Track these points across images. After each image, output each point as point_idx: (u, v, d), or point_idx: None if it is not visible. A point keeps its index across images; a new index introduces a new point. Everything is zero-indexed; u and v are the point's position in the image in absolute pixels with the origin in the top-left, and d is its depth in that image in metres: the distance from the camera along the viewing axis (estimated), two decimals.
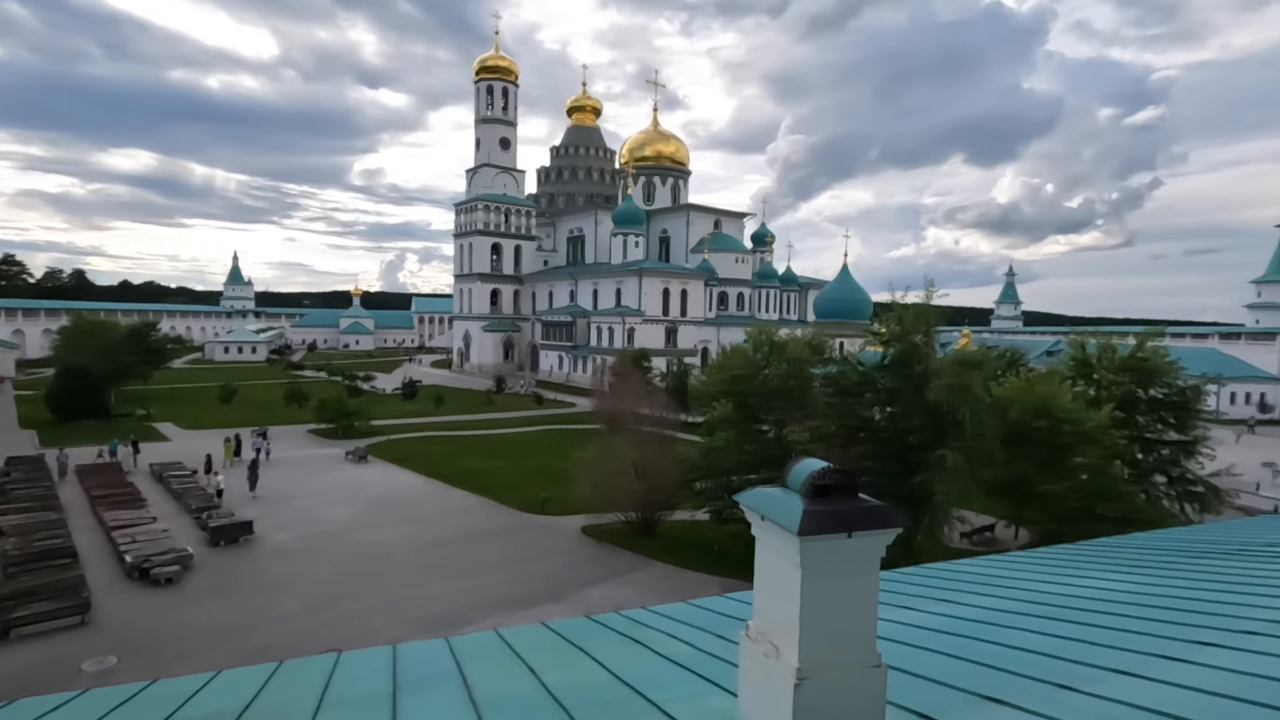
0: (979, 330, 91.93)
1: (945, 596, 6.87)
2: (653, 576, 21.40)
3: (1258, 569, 7.17)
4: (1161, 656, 4.31)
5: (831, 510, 2.72)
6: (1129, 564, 7.80)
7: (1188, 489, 21.78)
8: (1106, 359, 23.62)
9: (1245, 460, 28.74)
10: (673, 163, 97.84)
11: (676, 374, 50.36)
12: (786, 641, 2.77)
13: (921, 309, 20.88)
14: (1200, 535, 10.22)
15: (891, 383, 19.95)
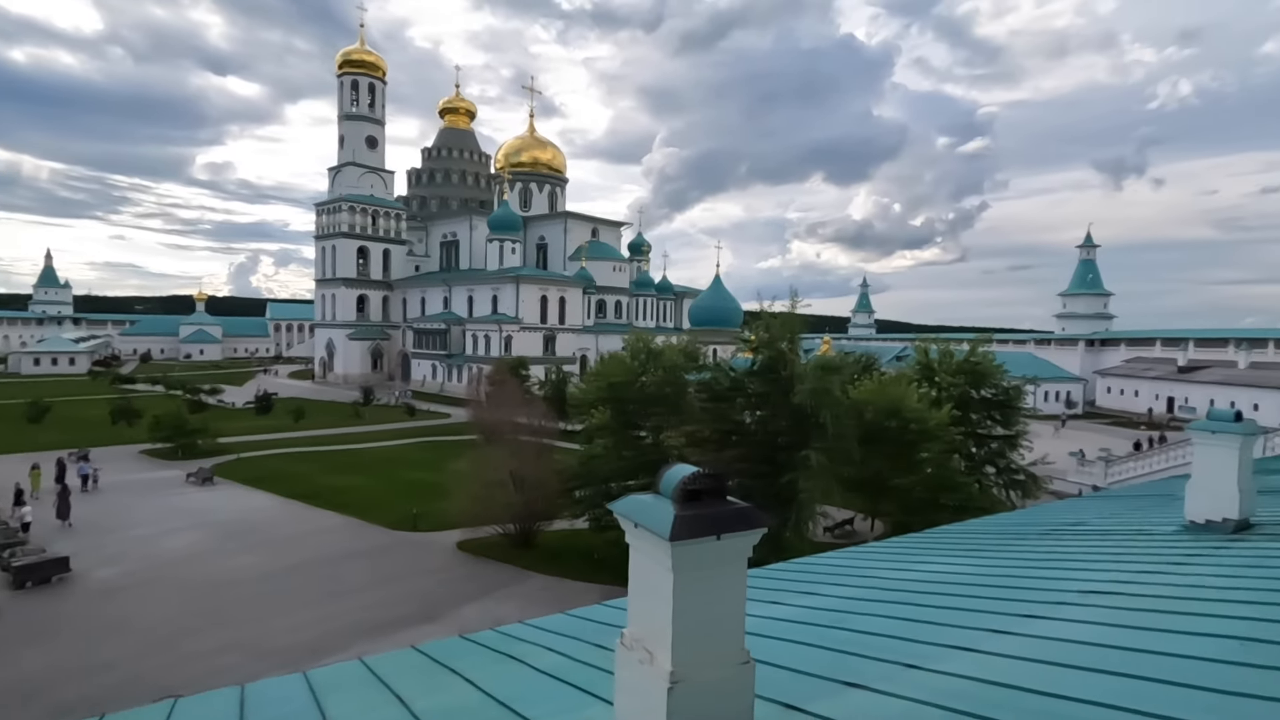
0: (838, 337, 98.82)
1: (809, 589, 7.28)
2: (532, 589, 21.04)
3: (1067, 546, 8.20)
4: (993, 631, 4.80)
5: (701, 514, 2.78)
6: (965, 548, 8.66)
7: (1013, 478, 24.57)
8: (946, 363, 26.19)
9: (1056, 450, 32.88)
10: (550, 170, 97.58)
11: (555, 382, 50.03)
12: (660, 646, 2.79)
13: (787, 317, 22.15)
14: (1022, 519, 11.55)
15: (760, 388, 20.93)
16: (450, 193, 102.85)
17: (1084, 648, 4.17)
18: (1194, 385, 65.49)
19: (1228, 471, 7.77)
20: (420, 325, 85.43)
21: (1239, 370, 63.68)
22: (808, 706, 3.53)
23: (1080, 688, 3.48)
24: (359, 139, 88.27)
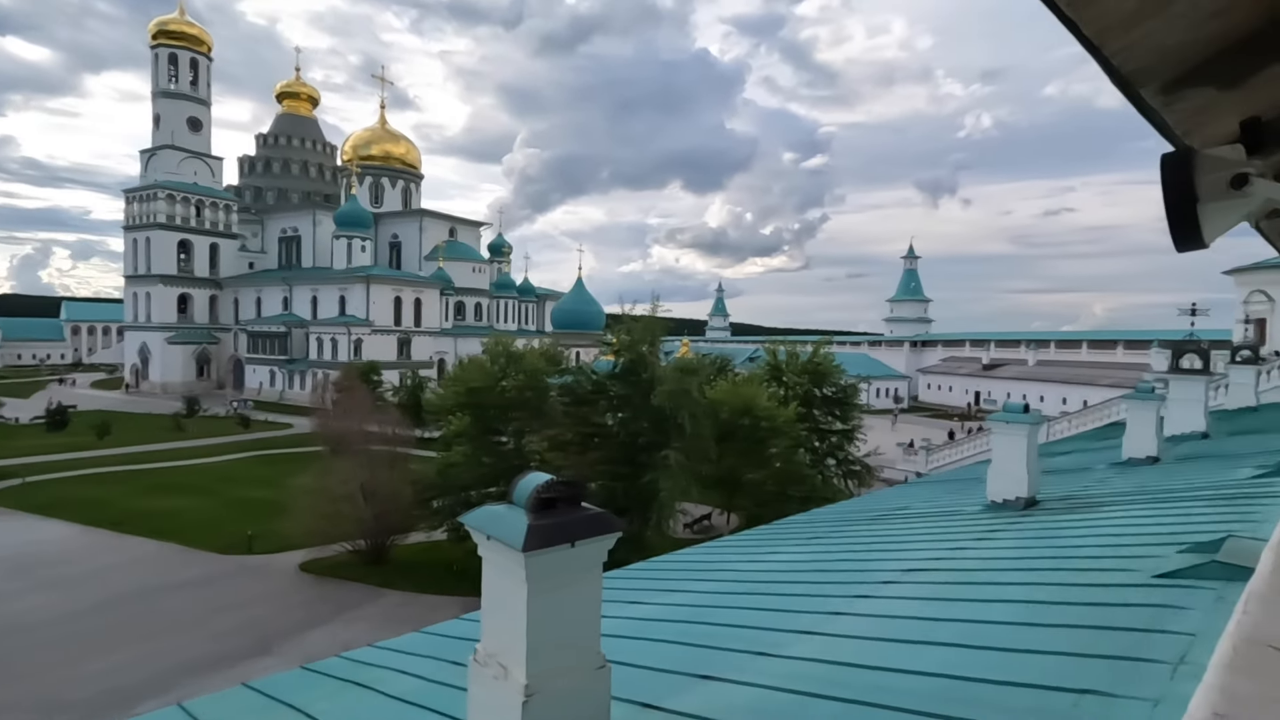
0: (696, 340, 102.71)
1: (667, 586, 7.50)
2: (387, 607, 19.91)
3: (893, 529, 9.08)
4: (832, 613, 5.21)
5: (555, 523, 2.78)
6: (809, 537, 9.33)
7: (850, 468, 26.85)
8: (792, 364, 28.09)
9: (887, 442, 36.36)
10: (403, 165, 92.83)
11: (410, 388, 47.71)
12: (514, 660, 2.75)
13: (648, 321, 22.71)
14: (857, 506, 12.65)
15: (622, 390, 21.28)
16: (290, 184, 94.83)
17: (906, 621, 4.64)
18: (995, 381, 75.08)
19: (1018, 456, 8.96)
20: (256, 328, 77.93)
21: (1029, 367, 73.92)
22: (663, 703, 3.63)
23: (903, 659, 3.87)
24: (178, 120, 78.98)
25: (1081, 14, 2.17)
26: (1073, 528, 7.24)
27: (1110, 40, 2.38)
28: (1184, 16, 2.39)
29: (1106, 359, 67.46)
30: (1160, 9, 2.29)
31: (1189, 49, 2.63)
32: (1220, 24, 2.50)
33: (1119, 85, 2.77)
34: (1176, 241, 2.66)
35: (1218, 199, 2.49)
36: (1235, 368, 19.49)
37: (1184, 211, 2.55)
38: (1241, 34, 2.57)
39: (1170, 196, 2.56)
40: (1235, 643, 0.79)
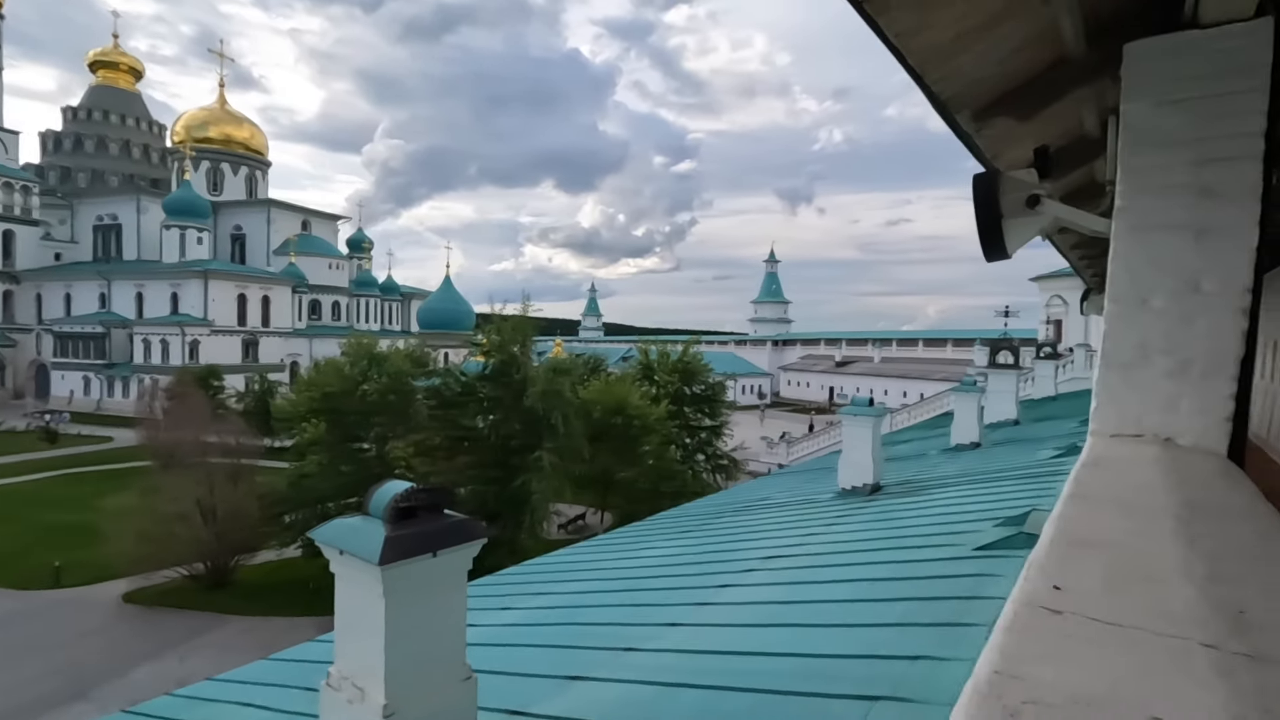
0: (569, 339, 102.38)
1: (539, 590, 7.43)
2: (230, 634, 18.14)
3: (755, 519, 9.56)
4: (697, 604, 5.39)
5: (415, 533, 2.67)
6: (677, 531, 9.60)
7: (719, 463, 27.96)
8: (663, 363, 28.78)
9: (751, 436, 38.21)
10: (247, 150, 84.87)
11: (258, 393, 43.80)
12: (372, 681, 2.61)
13: (519, 321, 22.35)
14: (723, 499, 13.19)
15: (493, 392, 20.80)
16: (107, 165, 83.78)
17: (763, 607, 4.91)
18: (847, 376, 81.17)
19: (865, 446, 9.74)
20: (66, 328, 68.05)
21: (875, 364, 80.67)
22: (532, 709, 3.58)
23: (759, 642, 4.09)
24: None
25: (907, 45, 2.40)
26: (909, 509, 7.97)
27: (930, 70, 2.65)
28: (988, 54, 2.72)
29: (939, 355, 75.04)
30: (970, 46, 2.58)
31: (993, 83, 2.99)
32: (1016, 63, 2.86)
33: (939, 111, 3.09)
34: (985, 252, 3.01)
35: (1017, 216, 2.85)
36: (1039, 363, 22.45)
37: (991, 226, 2.89)
38: (1033, 73, 2.96)
39: (980, 213, 2.90)
40: (1015, 606, 0.91)
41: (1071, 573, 1.03)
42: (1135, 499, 1.53)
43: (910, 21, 2.18)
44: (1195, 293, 2.43)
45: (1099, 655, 0.75)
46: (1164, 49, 2.43)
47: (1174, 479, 1.85)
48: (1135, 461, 2.08)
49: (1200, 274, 2.42)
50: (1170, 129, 2.44)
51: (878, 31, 2.19)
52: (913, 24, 2.21)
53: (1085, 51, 2.74)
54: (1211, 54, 2.35)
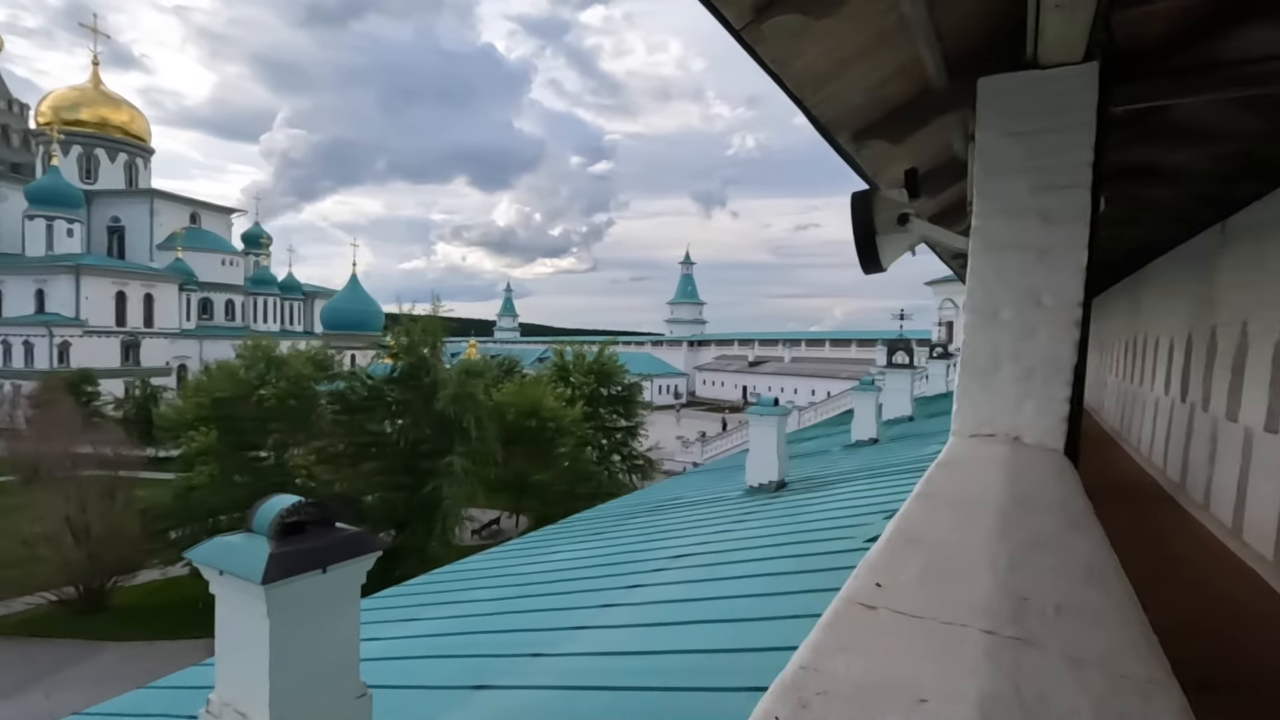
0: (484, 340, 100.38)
1: (448, 598, 7.28)
2: (107, 664, 16.68)
3: (667, 518, 9.73)
4: (606, 605, 5.45)
5: (302, 549, 2.59)
6: (590, 533, 9.63)
7: (634, 463, 28.17)
8: (579, 364, 28.71)
9: (667, 436, 38.72)
10: (126, 135, 77.95)
11: (139, 399, 40.47)
12: (255, 705, 2.51)
13: (429, 321, 21.70)
14: (638, 499, 13.33)
15: (401, 395, 20.12)
16: None
17: (670, 605, 5.03)
18: (759, 376, 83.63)
19: (770, 445, 10.10)
20: None
21: (786, 363, 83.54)
22: None
23: (664, 641, 4.19)
24: None
25: (784, 71, 2.55)
26: (812, 505, 8.35)
27: (808, 94, 2.82)
28: (859, 82, 2.91)
29: (844, 355, 78.55)
30: (843, 74, 2.77)
31: (867, 108, 3.20)
32: (886, 91, 3.08)
33: (821, 132, 3.29)
34: (862, 265, 3.22)
35: (889, 232, 3.07)
36: (933, 362, 23.99)
37: (866, 241, 3.10)
38: (902, 101, 3.20)
39: (856, 228, 3.10)
40: (837, 603, 1.00)
41: (894, 569, 1.15)
42: (970, 496, 1.71)
43: (785, 51, 2.32)
44: (1037, 306, 2.71)
45: (894, 646, 0.85)
46: (1010, 85, 2.69)
47: (1012, 475, 2.06)
48: (982, 460, 2.29)
49: (1041, 290, 2.70)
50: (1016, 157, 2.71)
51: (756, 59, 2.32)
52: (788, 53, 2.34)
53: (947, 83, 2.98)
54: (1049, 92, 2.63)
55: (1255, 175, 5.09)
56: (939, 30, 2.62)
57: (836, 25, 2.24)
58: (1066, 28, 2.32)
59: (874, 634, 0.89)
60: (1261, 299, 4.67)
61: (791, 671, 0.78)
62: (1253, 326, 4.74)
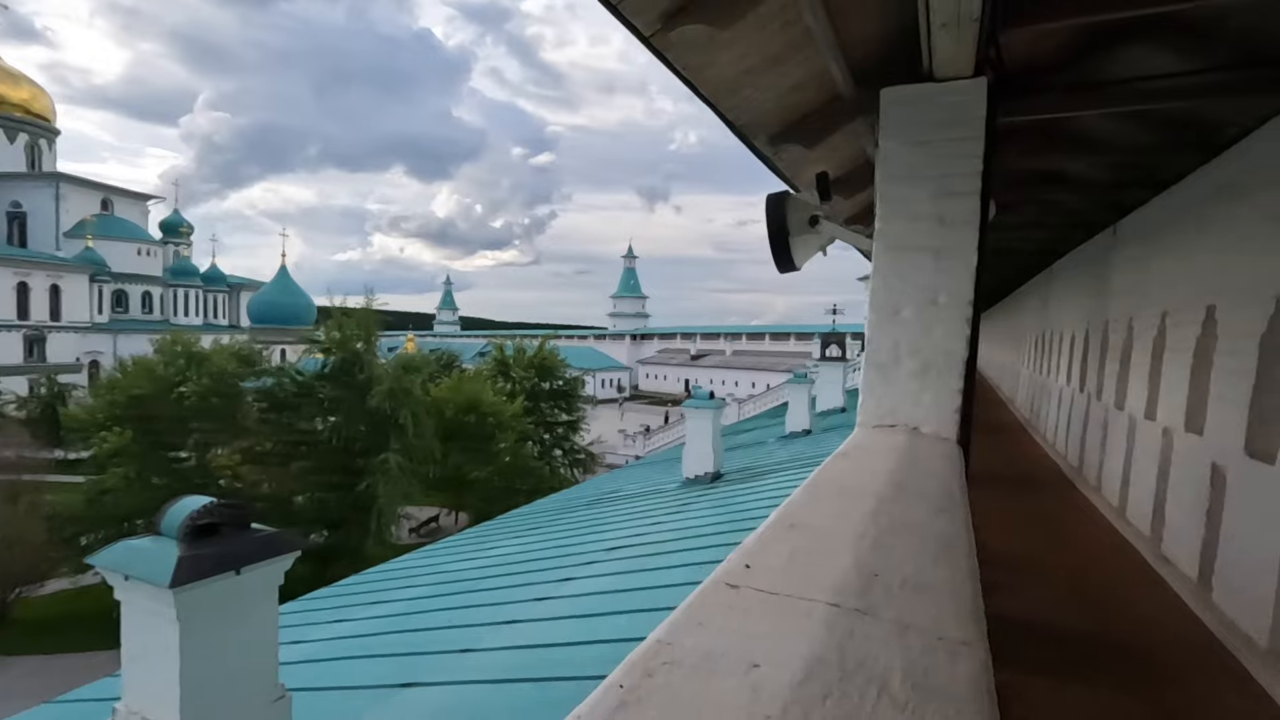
0: (423, 334, 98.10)
1: (378, 597, 7.16)
2: (9, 680, 15.66)
3: (604, 511, 9.81)
4: (536, 599, 5.48)
5: (214, 551, 2.55)
6: (525, 529, 9.62)
7: (576, 458, 28.14)
8: (519, 359, 28.43)
9: (610, 429, 38.83)
10: (27, 114, 72.43)
11: (45, 398, 37.88)
12: (165, 712, 2.46)
13: (363, 314, 21.09)
14: (576, 493, 13.36)
15: (334, 392, 19.51)
16: None
17: (599, 597, 5.11)
18: (701, 369, 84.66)
19: (706, 437, 10.30)
20: None
21: (727, 356, 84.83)
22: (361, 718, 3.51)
23: (591, 632, 4.26)
24: None
25: (697, 77, 2.64)
26: (746, 495, 8.58)
27: (722, 100, 2.92)
28: (771, 89, 3.04)
29: (783, 349, 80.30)
30: (753, 81, 2.88)
31: (782, 114, 3.34)
32: (797, 98, 3.21)
33: (738, 135, 3.40)
34: (776, 263, 3.35)
35: (801, 233, 3.21)
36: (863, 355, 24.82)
37: (780, 240, 3.23)
38: (814, 108, 3.34)
39: (771, 228, 3.23)
40: (705, 583, 1.09)
41: (766, 552, 1.25)
42: (855, 484, 1.83)
43: (696, 58, 2.40)
44: (933, 305, 2.89)
45: (744, 620, 0.94)
46: (909, 96, 2.86)
47: (900, 464, 2.21)
48: (877, 450, 2.44)
49: (937, 289, 2.88)
50: (916, 164, 2.88)
51: (668, 65, 2.40)
52: (699, 61, 2.43)
53: (855, 92, 3.13)
54: (943, 104, 2.80)
55: (1142, 183, 5.51)
56: (843, 43, 2.76)
57: (742, 36, 2.33)
58: (954, 45, 2.49)
59: (730, 611, 0.98)
60: (1144, 297, 5.07)
61: (645, 645, 0.85)
62: (1137, 322, 5.15)
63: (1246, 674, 2.92)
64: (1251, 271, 3.38)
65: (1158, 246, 4.97)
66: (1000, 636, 3.16)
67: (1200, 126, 4.30)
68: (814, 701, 0.73)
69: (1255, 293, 3.29)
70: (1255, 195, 3.45)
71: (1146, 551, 4.36)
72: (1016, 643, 3.21)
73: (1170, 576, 3.96)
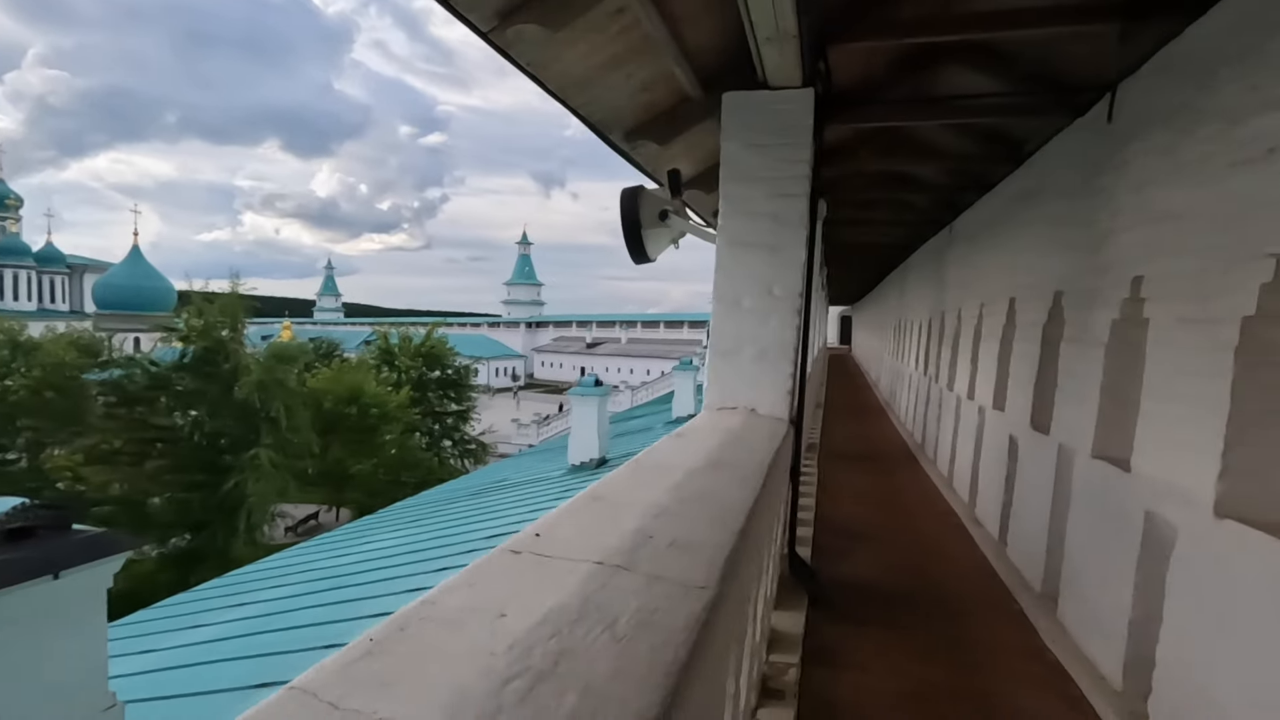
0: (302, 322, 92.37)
1: (244, 599, 6.80)
2: None
3: (489, 500, 9.74)
4: (411, 590, 5.42)
5: (27, 555, 2.39)
6: (406, 521, 9.40)
7: (467, 448, 27.55)
8: (405, 347, 27.41)
9: (502, 419, 38.25)
10: None
11: None
12: None
13: (229, 300, 19.55)
14: (462, 483, 13.15)
15: (194, 383, 17.99)
16: None
17: None
18: (597, 357, 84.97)
19: (591, 424, 10.45)
20: None
21: (623, 344, 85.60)
22: None
23: None
24: None
25: (541, 73, 2.72)
26: None
27: (570, 96, 3.02)
28: (619, 88, 3.17)
29: (678, 336, 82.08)
30: (600, 80, 3.00)
31: (633, 112, 3.48)
32: (647, 98, 3.36)
33: (594, 131, 3.51)
34: (631, 254, 3.50)
35: (653, 226, 3.37)
36: None
37: (634, 233, 3.38)
38: (666, 107, 3.51)
39: (625, 221, 3.37)
40: (493, 551, 1.19)
41: (562, 522, 1.37)
42: (675, 461, 2.00)
43: (537, 55, 2.48)
44: (769, 296, 3.14)
45: (513, 580, 1.05)
46: (747, 102, 3.07)
47: (727, 441, 2.41)
48: (711, 430, 2.65)
49: (773, 282, 3.13)
50: (752, 166, 3.11)
51: (511, 61, 2.46)
52: (541, 58, 2.51)
53: (703, 95, 3.32)
54: (775, 111, 3.04)
55: (972, 186, 6.15)
56: (686, 49, 2.92)
57: (580, 37, 2.43)
58: (780, 57, 2.71)
59: (502, 573, 1.09)
60: (969, 289, 5.68)
61: (409, 605, 0.95)
62: (964, 312, 5.77)
63: (1023, 614, 3.42)
64: (1039, 268, 3.91)
65: (979, 244, 5.58)
66: (839, 597, 3.50)
67: (1009, 140, 4.88)
68: (540, 639, 0.85)
69: (1040, 287, 3.80)
70: (1044, 201, 3.97)
71: (965, 516, 4.94)
72: (852, 602, 3.57)
73: (980, 537, 4.51)
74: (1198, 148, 2.32)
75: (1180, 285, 2.41)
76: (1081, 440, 3.12)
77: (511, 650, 0.82)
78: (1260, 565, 1.86)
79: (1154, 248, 2.63)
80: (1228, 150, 2.13)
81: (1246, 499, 2.02)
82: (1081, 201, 3.37)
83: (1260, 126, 1.98)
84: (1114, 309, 2.92)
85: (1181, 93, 2.47)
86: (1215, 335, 2.11)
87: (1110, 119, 3.00)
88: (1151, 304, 2.63)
